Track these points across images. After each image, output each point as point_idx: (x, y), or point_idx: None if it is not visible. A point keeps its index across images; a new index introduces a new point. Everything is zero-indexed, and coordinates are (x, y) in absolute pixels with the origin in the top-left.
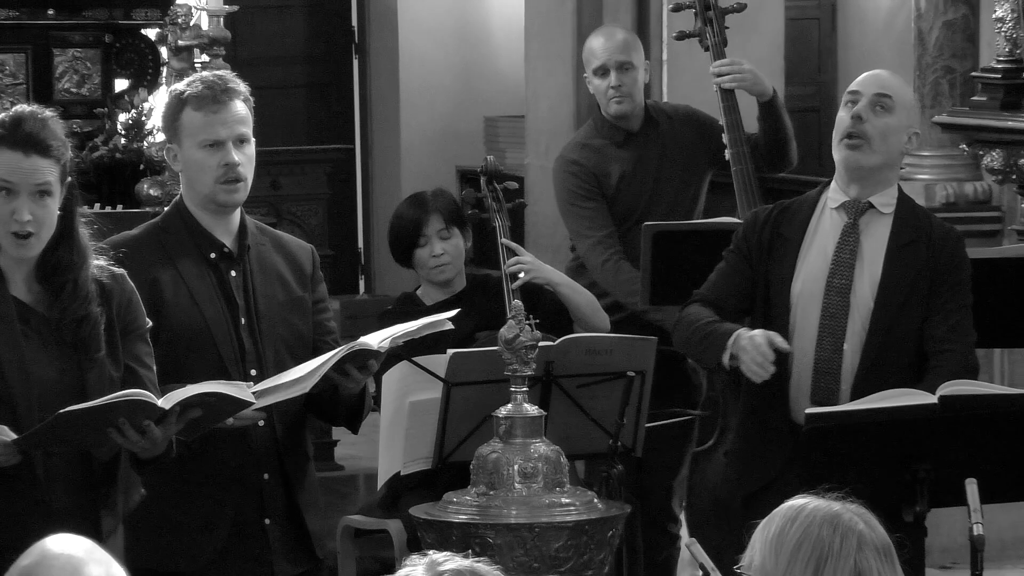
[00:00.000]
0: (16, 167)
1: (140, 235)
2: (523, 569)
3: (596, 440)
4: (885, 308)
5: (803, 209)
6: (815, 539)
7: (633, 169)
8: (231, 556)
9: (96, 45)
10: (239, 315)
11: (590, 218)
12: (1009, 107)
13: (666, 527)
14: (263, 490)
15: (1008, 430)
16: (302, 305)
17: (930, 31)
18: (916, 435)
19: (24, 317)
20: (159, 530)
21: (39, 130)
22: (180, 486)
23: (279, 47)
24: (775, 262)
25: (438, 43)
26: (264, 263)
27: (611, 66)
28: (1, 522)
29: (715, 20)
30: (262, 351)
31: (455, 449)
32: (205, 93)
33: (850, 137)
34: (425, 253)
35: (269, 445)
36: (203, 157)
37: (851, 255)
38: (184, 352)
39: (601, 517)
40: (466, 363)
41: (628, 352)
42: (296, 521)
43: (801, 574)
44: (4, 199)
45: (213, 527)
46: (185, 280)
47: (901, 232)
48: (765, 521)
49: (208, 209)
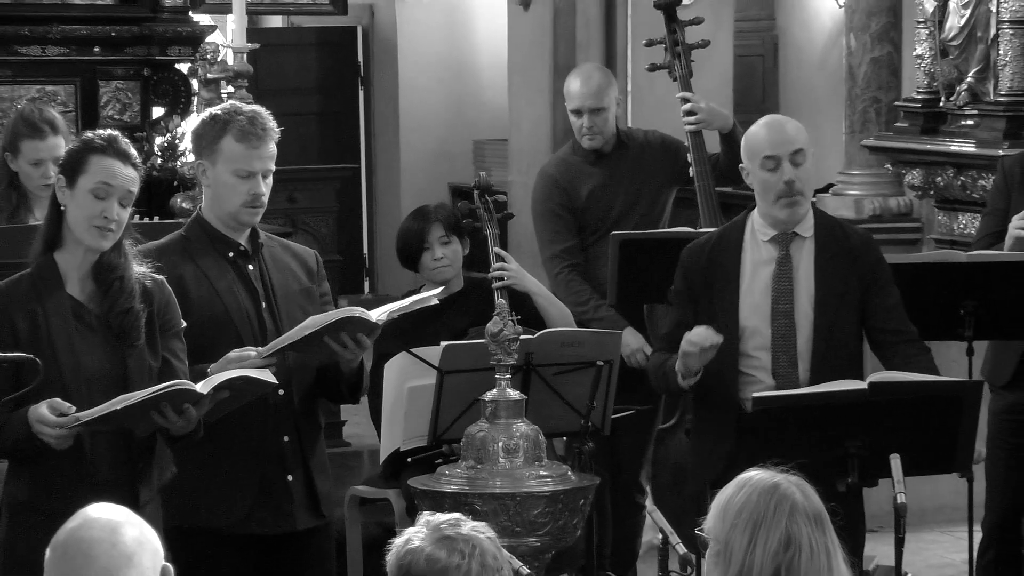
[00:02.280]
0: (116, 172)
1: (165, 243)
2: (506, 533)
3: (570, 421)
4: (824, 318)
5: (733, 239)
6: (753, 506)
7: (602, 185)
8: (260, 510)
9: (136, 78)
10: (259, 300)
11: (554, 230)
12: (927, 132)
13: (634, 498)
14: (284, 450)
15: (927, 412)
16: (311, 294)
17: (859, 66)
18: (848, 416)
19: (77, 312)
20: (197, 492)
21: (130, 148)
22: (213, 451)
23: (295, 80)
24: (717, 293)
25: (433, 76)
26: (276, 260)
27: (584, 110)
28: (52, 492)
29: (682, 55)
30: (282, 330)
31: (447, 428)
32: (248, 128)
33: (788, 196)
34: (428, 257)
35: (287, 412)
36: (235, 183)
37: (788, 282)
38: (208, 337)
39: (574, 487)
40: (457, 354)
41: (597, 344)
42: (310, 480)
43: (740, 536)
44: (98, 200)
45: (243, 485)
46: (207, 275)
47: (824, 249)
48: (722, 489)
49: (228, 224)
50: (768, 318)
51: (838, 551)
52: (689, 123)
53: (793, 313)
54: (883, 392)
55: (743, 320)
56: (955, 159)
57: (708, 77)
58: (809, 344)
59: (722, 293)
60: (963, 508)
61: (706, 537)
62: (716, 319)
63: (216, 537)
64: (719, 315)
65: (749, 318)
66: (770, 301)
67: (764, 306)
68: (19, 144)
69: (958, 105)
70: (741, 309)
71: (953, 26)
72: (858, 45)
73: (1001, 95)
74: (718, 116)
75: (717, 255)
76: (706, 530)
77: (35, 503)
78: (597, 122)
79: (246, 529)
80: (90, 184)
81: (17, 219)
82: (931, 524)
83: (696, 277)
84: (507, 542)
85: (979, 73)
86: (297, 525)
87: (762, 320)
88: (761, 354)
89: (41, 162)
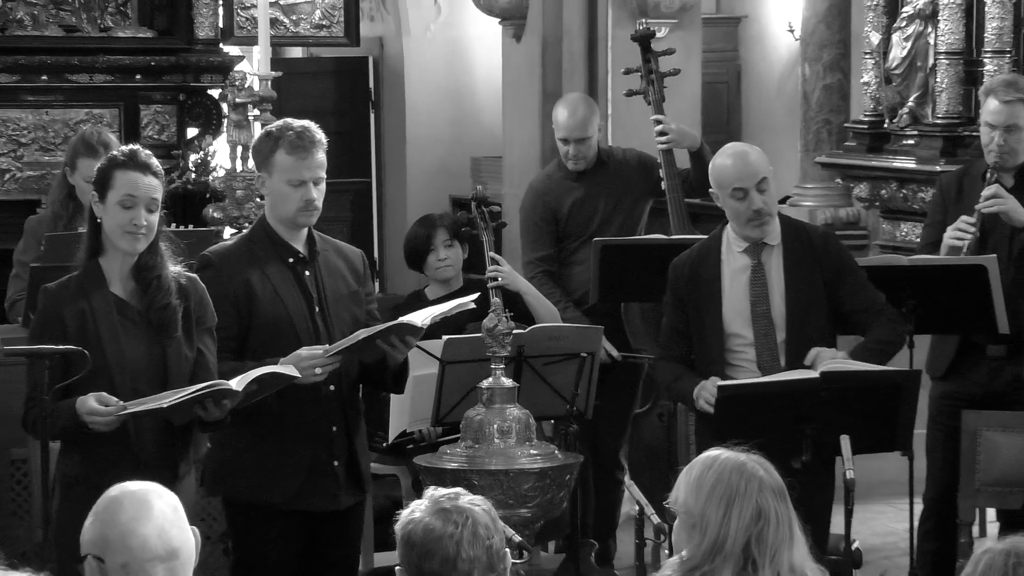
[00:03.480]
0: (138, 183)
1: (233, 246)
2: (500, 505)
3: (557, 406)
4: (796, 314)
5: (712, 251)
6: (726, 483)
7: (583, 198)
8: (308, 490)
9: (172, 102)
10: (313, 305)
11: (535, 239)
12: (873, 150)
13: (614, 474)
14: (332, 438)
15: (872, 398)
16: (358, 297)
17: (813, 92)
18: (803, 402)
19: (120, 309)
20: (256, 473)
21: (150, 159)
22: (271, 439)
23: (313, 104)
24: (704, 301)
25: (435, 101)
26: (329, 265)
27: (571, 140)
28: (100, 468)
29: (656, 82)
30: (331, 331)
31: (448, 412)
32: (296, 142)
33: (757, 219)
34: (432, 258)
35: (336, 405)
36: (289, 191)
37: (763, 286)
38: (272, 336)
39: (560, 465)
40: (457, 347)
41: (581, 338)
42: (354, 462)
43: (715, 510)
44: (126, 209)
45: (295, 468)
46: (270, 279)
47: (791, 253)
48: (687, 467)
49: (287, 226)
50: (749, 320)
51: (795, 521)
52: (661, 142)
53: (770, 313)
54: (833, 381)
55: (727, 324)
56: (898, 174)
57: (679, 102)
58: (785, 337)
59: (708, 301)
60: (905, 483)
61: (676, 509)
62: (704, 323)
63: (269, 511)
64: (707, 320)
65: (733, 321)
66: (749, 305)
67: (745, 310)
68: (76, 161)
69: (900, 126)
70: (724, 313)
71: (896, 57)
72: (811, 73)
73: (938, 118)
74: (687, 136)
75: (699, 268)
76: (678, 504)
77: (85, 478)
78: (582, 149)
79: (295, 506)
80: (117, 197)
81: (73, 226)
82: (876, 497)
83: (682, 288)
84: (501, 513)
85: (919, 98)
86: (341, 504)
87: (744, 322)
88: (747, 350)
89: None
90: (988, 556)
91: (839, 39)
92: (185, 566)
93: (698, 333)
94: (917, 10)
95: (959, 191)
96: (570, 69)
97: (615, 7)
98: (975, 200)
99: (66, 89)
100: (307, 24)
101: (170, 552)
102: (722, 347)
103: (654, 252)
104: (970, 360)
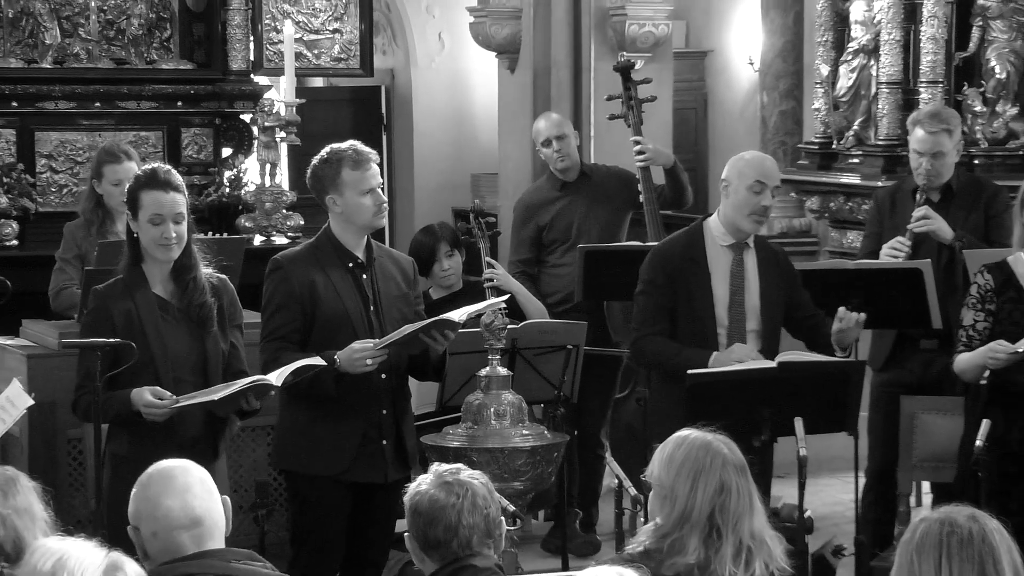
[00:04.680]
0: (162, 202)
1: (301, 251)
2: (496, 478)
3: (546, 391)
4: (767, 308)
5: (697, 241)
6: (693, 459)
7: (565, 208)
8: (359, 465)
9: (209, 126)
10: (369, 304)
11: (518, 244)
12: (823, 168)
13: (595, 451)
14: (382, 421)
15: (823, 385)
16: (408, 298)
17: (770, 117)
18: (762, 388)
19: (162, 307)
20: (312, 447)
21: (170, 176)
22: (329, 420)
23: (332, 127)
24: (695, 281)
25: (440, 125)
26: (384, 270)
27: (552, 137)
28: (145, 449)
29: (635, 107)
30: (384, 327)
31: (451, 397)
32: (356, 158)
33: (759, 215)
34: (437, 267)
35: (387, 392)
36: (362, 201)
37: (741, 279)
38: (332, 330)
39: (549, 443)
40: (459, 340)
41: (567, 332)
42: (400, 441)
43: (684, 484)
44: (156, 226)
45: (348, 445)
46: (332, 281)
47: (761, 256)
48: (662, 445)
49: (357, 233)
50: (727, 307)
51: (755, 493)
52: (639, 161)
53: (744, 304)
54: (789, 370)
55: (716, 307)
56: (845, 189)
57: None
58: (756, 325)
59: (700, 286)
60: (850, 459)
61: (651, 482)
62: (695, 302)
63: (324, 481)
64: (697, 304)
65: (716, 306)
66: (729, 294)
67: (724, 297)
68: (102, 169)
69: (847, 147)
70: (716, 301)
71: (843, 86)
72: (769, 101)
73: (880, 140)
74: (662, 155)
75: (691, 254)
76: (652, 477)
77: (133, 456)
78: (563, 146)
79: (348, 478)
80: (147, 216)
81: (104, 230)
82: (825, 471)
83: (675, 270)
84: (497, 486)
85: (863, 123)
86: (388, 479)
87: (722, 308)
88: (720, 333)
89: (120, 182)
90: (925, 524)
91: (793, 71)
92: (210, 532)
93: (685, 314)
94: (861, 46)
95: (892, 205)
96: (558, 96)
97: (597, 43)
98: (907, 213)
99: (116, 115)
100: (327, 57)
101: (193, 521)
102: (714, 323)
103: (631, 257)
104: (906, 352)
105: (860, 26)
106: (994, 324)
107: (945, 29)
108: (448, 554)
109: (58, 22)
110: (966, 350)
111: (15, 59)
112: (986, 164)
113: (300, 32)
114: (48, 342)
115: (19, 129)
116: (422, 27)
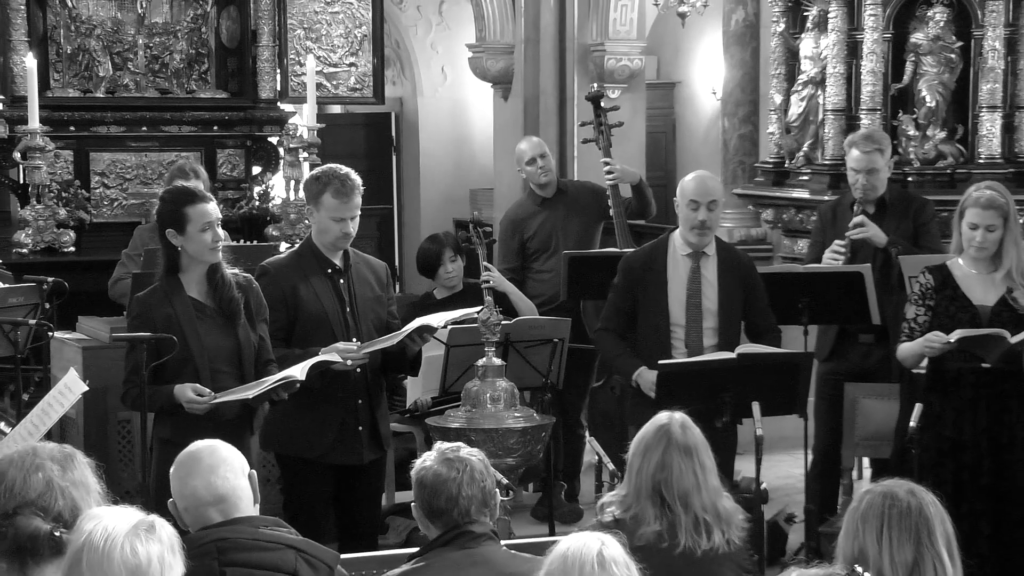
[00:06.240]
0: (207, 211)
1: (285, 259)
2: (491, 455)
3: (535, 379)
4: (724, 308)
5: (659, 252)
6: (643, 437)
7: (545, 220)
8: (337, 448)
9: (241, 147)
10: (345, 306)
11: (504, 253)
12: (777, 184)
13: (576, 431)
14: (358, 409)
15: (776, 373)
16: (382, 301)
17: (730, 140)
18: (723, 376)
19: (198, 308)
20: (295, 432)
21: (202, 190)
22: (310, 405)
23: (348, 148)
24: (653, 289)
25: (442, 146)
26: (359, 275)
27: (537, 156)
28: (186, 432)
29: (605, 133)
30: (360, 329)
31: (452, 384)
32: (341, 188)
33: (700, 229)
34: (442, 271)
35: (362, 383)
36: (332, 225)
37: (698, 284)
38: (312, 329)
39: (537, 424)
40: (459, 334)
41: (554, 328)
42: (375, 427)
43: (635, 459)
44: (205, 232)
45: (328, 430)
46: (313, 286)
47: (722, 264)
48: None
49: (328, 248)
50: (684, 309)
51: (708, 471)
52: (609, 178)
53: (701, 305)
54: (747, 360)
55: (671, 311)
56: (796, 202)
57: (628, 147)
58: (713, 323)
59: (656, 290)
60: (800, 438)
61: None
62: (651, 306)
63: (305, 463)
64: (653, 304)
65: (672, 307)
66: (686, 296)
67: (682, 300)
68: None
69: (797, 166)
70: (669, 304)
71: (794, 113)
72: (729, 125)
73: (826, 160)
74: (629, 174)
75: (652, 263)
76: (627, 453)
77: (176, 439)
78: (546, 163)
79: (327, 460)
80: (197, 227)
81: None
82: (779, 449)
83: (636, 276)
84: (492, 462)
85: (811, 145)
86: (364, 460)
87: (680, 309)
88: (678, 331)
89: None
90: (869, 496)
91: (750, 99)
92: (235, 506)
93: (644, 314)
94: (810, 77)
95: (833, 217)
96: (545, 121)
97: (580, 75)
98: (847, 223)
99: (160, 137)
100: (344, 87)
101: (217, 498)
102: (667, 324)
103: (610, 262)
104: (847, 345)
105: (809, 60)
106: (932, 318)
107: (883, 63)
108: (450, 521)
109: (110, 57)
110: (908, 340)
111: (72, 89)
112: (918, 181)
113: (320, 65)
114: (100, 336)
115: (76, 150)
116: (427, 61)
